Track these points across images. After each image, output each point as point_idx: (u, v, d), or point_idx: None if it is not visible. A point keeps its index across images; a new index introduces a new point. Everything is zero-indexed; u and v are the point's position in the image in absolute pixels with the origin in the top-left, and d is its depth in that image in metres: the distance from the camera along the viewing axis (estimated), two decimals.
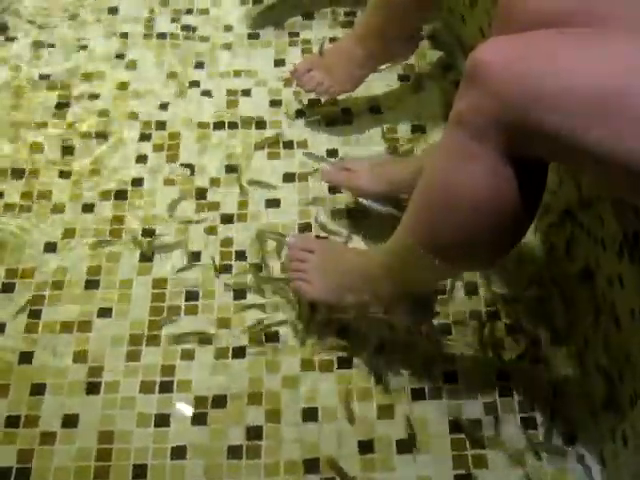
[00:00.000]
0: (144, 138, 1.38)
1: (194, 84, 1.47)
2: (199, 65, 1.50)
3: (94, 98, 1.45)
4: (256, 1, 1.61)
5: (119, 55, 1.52)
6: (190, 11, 1.59)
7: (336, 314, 1.15)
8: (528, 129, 0.68)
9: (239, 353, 1.13)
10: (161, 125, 1.40)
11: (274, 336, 1.15)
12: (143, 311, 1.17)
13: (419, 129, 1.39)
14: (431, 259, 0.84)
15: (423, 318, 1.13)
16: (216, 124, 1.41)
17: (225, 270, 1.22)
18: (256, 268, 1.22)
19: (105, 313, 1.18)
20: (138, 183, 1.32)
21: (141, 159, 1.36)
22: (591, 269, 1.03)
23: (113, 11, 1.59)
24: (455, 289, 1.18)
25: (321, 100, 1.42)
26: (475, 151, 0.73)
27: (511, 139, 0.70)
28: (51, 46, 1.53)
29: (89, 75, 1.48)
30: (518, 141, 0.70)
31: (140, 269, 1.22)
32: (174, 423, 1.07)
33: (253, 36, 1.55)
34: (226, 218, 1.28)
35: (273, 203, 1.30)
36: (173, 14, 1.59)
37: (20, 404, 1.09)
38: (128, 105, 1.44)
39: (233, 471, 1.04)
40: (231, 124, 1.41)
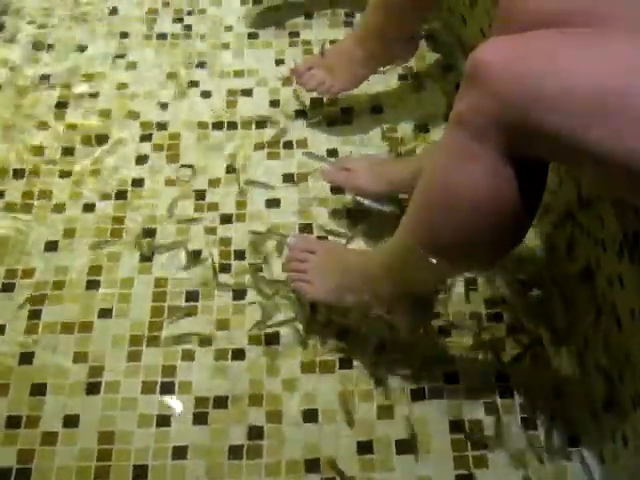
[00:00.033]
0: (144, 138, 1.38)
1: (194, 84, 1.47)
2: (199, 65, 1.50)
3: (94, 98, 1.45)
4: (256, 1, 1.61)
5: (119, 55, 1.52)
6: (190, 12, 1.59)
7: (336, 315, 1.15)
8: (528, 129, 0.68)
9: (239, 355, 1.13)
10: (161, 125, 1.40)
11: (274, 337, 1.15)
12: (143, 311, 1.17)
13: (420, 129, 1.38)
14: (431, 259, 0.84)
15: (423, 318, 1.13)
16: (216, 124, 1.41)
17: (225, 270, 1.22)
18: (256, 268, 1.22)
19: (106, 313, 1.18)
20: (138, 183, 1.32)
21: (141, 159, 1.36)
22: (591, 269, 1.02)
23: (113, 11, 1.60)
24: (455, 289, 1.18)
25: (322, 99, 1.42)
26: (475, 151, 0.73)
27: (511, 139, 0.70)
28: (51, 46, 1.53)
29: (89, 75, 1.48)
30: (518, 141, 0.70)
31: (140, 269, 1.22)
32: (175, 423, 1.07)
33: (253, 36, 1.55)
34: (226, 218, 1.28)
35: (273, 203, 1.29)
36: (173, 14, 1.59)
37: (21, 404, 1.09)
38: (128, 105, 1.44)
39: (234, 471, 1.03)
40: (231, 124, 1.40)
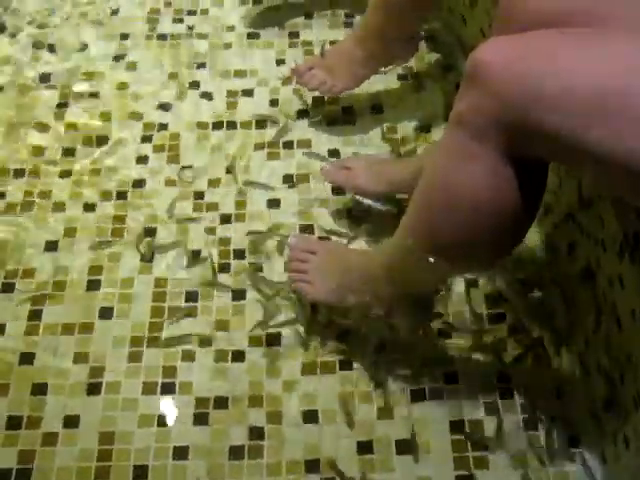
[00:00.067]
0: (145, 139, 1.38)
1: (194, 85, 1.47)
2: (200, 66, 1.49)
3: (95, 98, 1.44)
4: (256, 1, 1.61)
5: (120, 55, 1.51)
6: (191, 12, 1.59)
7: (337, 315, 1.15)
8: (528, 129, 0.68)
9: (239, 356, 1.13)
10: (162, 126, 1.40)
11: (275, 338, 1.14)
12: (144, 312, 1.17)
13: (420, 129, 1.38)
14: (431, 259, 0.84)
15: (423, 319, 1.13)
16: (216, 124, 1.40)
17: (225, 270, 1.22)
18: (256, 269, 1.22)
19: (106, 314, 1.18)
20: (138, 184, 1.32)
21: (141, 160, 1.36)
22: (592, 270, 1.02)
23: (114, 11, 1.59)
24: (456, 290, 1.18)
25: (323, 99, 1.42)
26: (475, 151, 0.72)
27: (511, 139, 0.70)
28: (52, 46, 1.53)
29: (90, 75, 1.48)
30: (518, 141, 0.70)
31: (141, 269, 1.22)
32: (176, 423, 1.07)
33: (254, 36, 1.55)
34: (225, 218, 1.27)
35: (273, 203, 1.29)
36: (174, 14, 1.59)
37: (22, 405, 1.09)
38: (129, 105, 1.43)
39: (235, 471, 1.03)
40: (231, 124, 1.40)
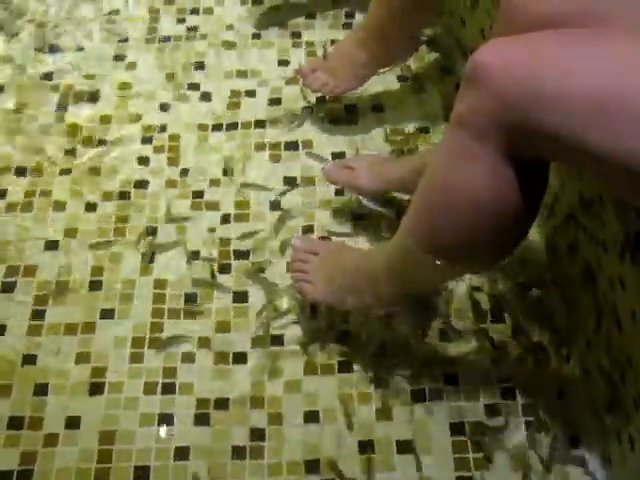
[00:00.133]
0: (145, 139, 1.38)
1: (195, 85, 1.47)
2: (200, 66, 1.49)
3: (95, 99, 1.45)
4: (256, 2, 1.61)
5: (121, 56, 1.51)
6: (192, 11, 1.59)
7: (337, 316, 1.15)
8: (528, 130, 0.68)
9: (240, 357, 1.13)
10: (162, 126, 1.40)
11: (275, 339, 1.14)
12: (145, 312, 1.17)
13: (421, 130, 1.38)
14: (432, 260, 0.84)
15: (424, 319, 1.13)
16: (217, 125, 1.40)
17: (225, 271, 1.22)
18: (257, 269, 1.22)
19: (107, 314, 1.18)
20: (139, 184, 1.32)
21: (142, 160, 1.36)
22: (593, 270, 1.02)
23: (115, 12, 1.59)
24: (457, 290, 1.18)
25: (325, 99, 1.42)
26: (476, 152, 0.72)
27: (512, 140, 0.70)
28: (53, 46, 1.53)
29: (91, 75, 1.48)
30: (519, 142, 0.70)
31: (141, 269, 1.22)
32: (177, 424, 1.08)
33: (256, 37, 1.55)
34: (226, 219, 1.28)
35: (274, 204, 1.29)
36: (175, 14, 1.59)
37: (23, 405, 1.09)
38: (129, 106, 1.43)
39: (237, 471, 1.04)
40: (233, 125, 1.40)
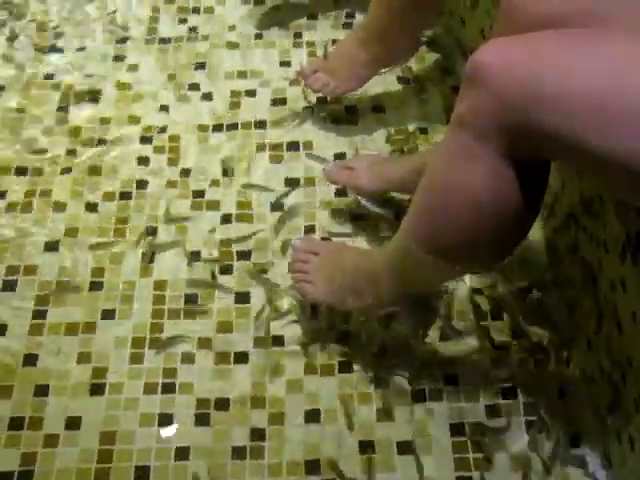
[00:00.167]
0: (145, 140, 1.38)
1: (196, 85, 1.46)
2: (201, 66, 1.49)
3: (95, 99, 1.45)
4: (258, 2, 1.61)
5: (121, 56, 1.51)
6: (194, 11, 1.59)
7: (338, 316, 1.15)
8: (529, 130, 0.68)
9: (241, 357, 1.13)
10: (163, 126, 1.40)
11: (276, 339, 1.14)
12: (145, 313, 1.17)
13: (421, 131, 1.38)
14: (432, 260, 0.84)
15: (425, 320, 1.13)
16: (218, 126, 1.40)
17: (226, 271, 1.22)
18: (258, 270, 1.22)
19: (108, 314, 1.18)
20: (139, 185, 1.32)
21: (142, 161, 1.36)
22: (593, 271, 1.02)
23: (115, 12, 1.59)
24: (457, 291, 1.17)
25: (326, 100, 1.42)
26: (477, 152, 0.72)
27: (513, 140, 0.70)
28: (53, 46, 1.53)
29: (91, 76, 1.48)
30: (520, 142, 0.70)
31: (142, 270, 1.22)
32: (177, 424, 1.08)
33: (257, 37, 1.54)
34: (227, 219, 1.28)
35: (275, 204, 1.29)
36: (176, 14, 1.59)
37: (24, 406, 1.09)
38: (130, 106, 1.43)
39: (237, 471, 1.04)
40: (234, 126, 1.40)
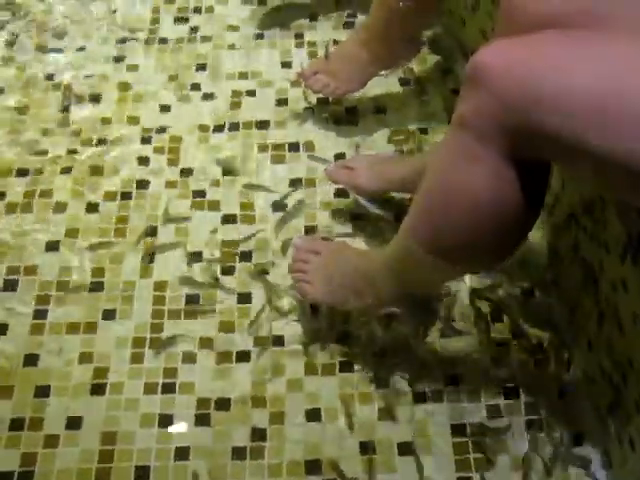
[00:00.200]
0: (145, 140, 1.38)
1: (197, 86, 1.46)
2: (202, 67, 1.49)
3: (96, 100, 1.45)
4: (260, 2, 1.61)
5: (122, 56, 1.51)
6: (194, 11, 1.59)
7: (338, 317, 1.15)
8: (530, 131, 0.68)
9: (242, 357, 1.13)
10: (163, 127, 1.40)
11: (277, 339, 1.14)
12: (146, 313, 1.17)
13: (422, 131, 1.38)
14: (433, 260, 0.84)
15: (425, 320, 1.13)
16: (219, 126, 1.40)
17: (227, 272, 1.22)
18: (259, 270, 1.22)
19: (109, 315, 1.18)
20: (140, 185, 1.32)
21: (142, 161, 1.36)
22: (594, 272, 1.02)
23: (116, 11, 1.59)
24: (458, 292, 1.17)
25: (327, 101, 1.42)
26: (478, 153, 0.72)
27: (514, 141, 0.70)
28: (54, 47, 1.53)
29: (92, 76, 1.48)
30: (520, 143, 0.70)
31: (142, 270, 1.22)
32: (178, 424, 1.08)
33: (258, 37, 1.55)
34: (228, 219, 1.28)
35: (276, 205, 1.29)
36: (177, 13, 1.59)
37: (25, 407, 1.09)
38: (130, 106, 1.43)
39: (237, 471, 1.04)
40: (234, 126, 1.40)
